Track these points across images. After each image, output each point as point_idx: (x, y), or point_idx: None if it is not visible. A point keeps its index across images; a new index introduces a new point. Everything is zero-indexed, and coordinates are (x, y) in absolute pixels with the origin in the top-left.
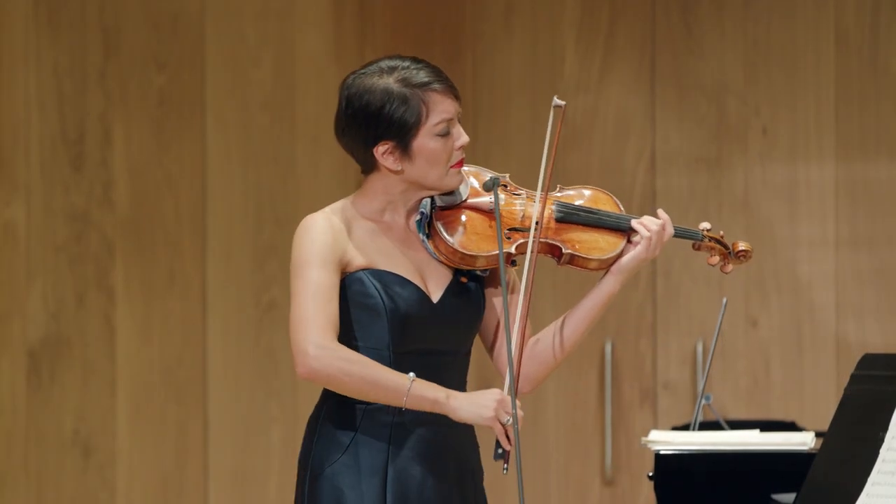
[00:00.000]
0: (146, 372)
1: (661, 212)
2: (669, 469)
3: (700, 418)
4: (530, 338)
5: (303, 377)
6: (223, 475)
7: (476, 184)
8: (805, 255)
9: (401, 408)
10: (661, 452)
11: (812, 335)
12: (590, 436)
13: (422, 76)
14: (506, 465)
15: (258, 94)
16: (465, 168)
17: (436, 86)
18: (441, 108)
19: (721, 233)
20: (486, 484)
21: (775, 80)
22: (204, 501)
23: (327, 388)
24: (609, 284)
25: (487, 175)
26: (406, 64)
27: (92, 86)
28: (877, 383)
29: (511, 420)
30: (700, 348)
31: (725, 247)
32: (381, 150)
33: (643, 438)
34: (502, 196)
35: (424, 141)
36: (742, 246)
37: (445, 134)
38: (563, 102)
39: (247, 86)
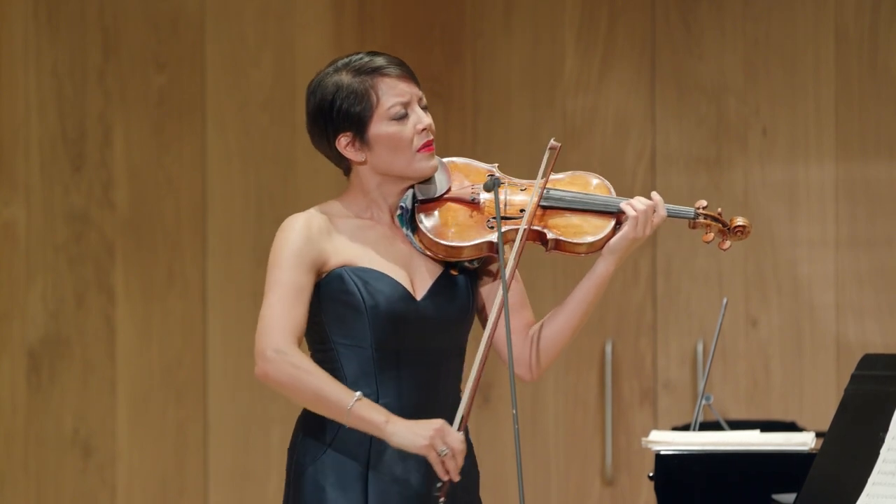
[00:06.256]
0: (146, 372)
1: (654, 194)
2: (670, 469)
3: (700, 418)
4: (532, 324)
5: (258, 379)
6: (223, 475)
7: (442, 178)
8: (805, 255)
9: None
10: (662, 452)
11: (812, 335)
12: (590, 436)
13: (374, 63)
14: (443, 499)
15: (258, 94)
16: (456, 160)
17: (388, 70)
18: (394, 91)
19: (719, 209)
20: (485, 484)
21: (775, 81)
22: (204, 501)
23: (279, 392)
24: (601, 266)
25: (478, 166)
26: (360, 56)
27: (92, 86)
28: (877, 383)
29: (445, 451)
30: (700, 348)
31: (724, 224)
32: (343, 143)
33: (644, 439)
34: (501, 191)
35: (380, 127)
36: (740, 221)
37: (401, 117)
38: (558, 144)
39: (247, 86)
